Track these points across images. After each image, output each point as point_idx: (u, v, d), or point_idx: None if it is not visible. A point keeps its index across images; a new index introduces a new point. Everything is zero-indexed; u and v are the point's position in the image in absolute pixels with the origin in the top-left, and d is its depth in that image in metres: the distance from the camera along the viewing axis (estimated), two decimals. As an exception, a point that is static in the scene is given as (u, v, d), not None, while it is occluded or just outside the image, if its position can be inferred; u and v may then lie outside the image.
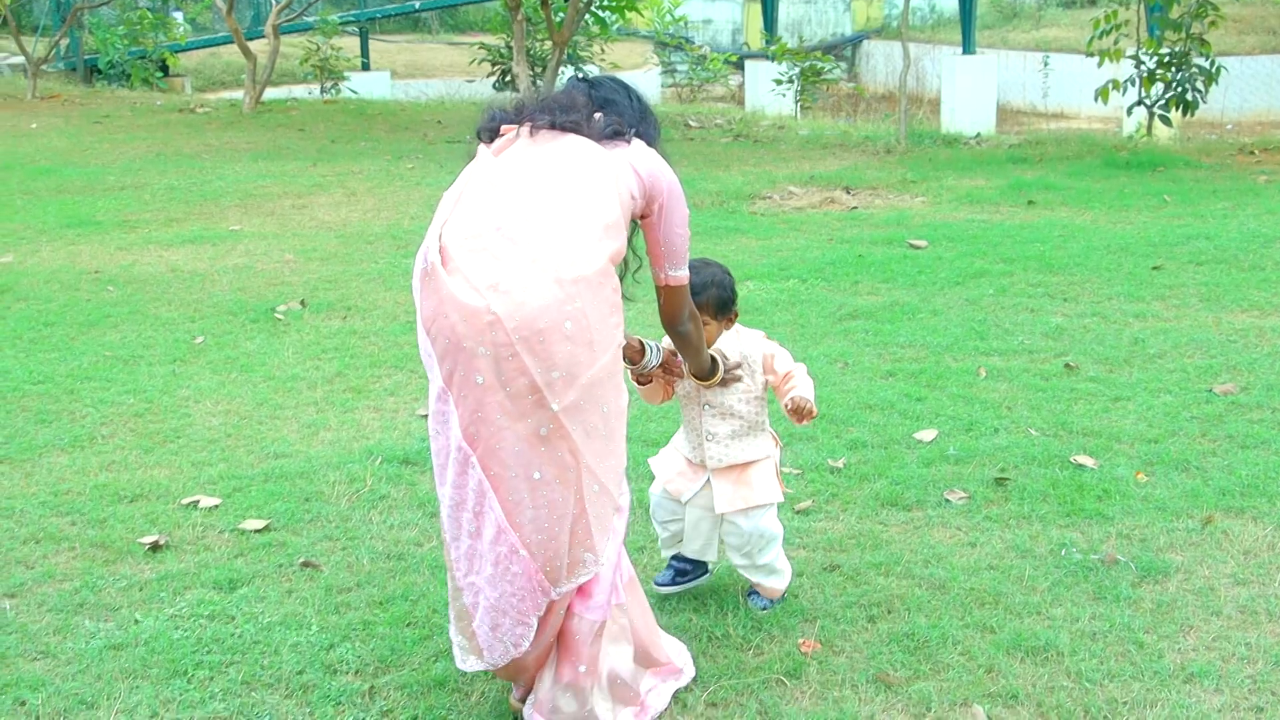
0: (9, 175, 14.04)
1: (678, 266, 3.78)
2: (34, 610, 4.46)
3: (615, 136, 3.70)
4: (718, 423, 4.22)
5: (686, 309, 3.89)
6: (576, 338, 3.33)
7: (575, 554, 3.48)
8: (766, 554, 4.26)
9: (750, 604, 4.34)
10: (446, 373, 3.39)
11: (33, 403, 6.64)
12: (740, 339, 4.28)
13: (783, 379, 4.28)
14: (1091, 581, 4.47)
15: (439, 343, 3.39)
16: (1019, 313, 7.95)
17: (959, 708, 3.74)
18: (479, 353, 3.30)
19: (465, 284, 3.32)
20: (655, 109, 5.36)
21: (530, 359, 3.29)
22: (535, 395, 3.32)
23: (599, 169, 3.55)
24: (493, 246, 3.36)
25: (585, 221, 3.43)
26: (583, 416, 3.38)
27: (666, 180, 3.70)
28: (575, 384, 3.34)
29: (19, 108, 20.31)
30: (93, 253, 10.27)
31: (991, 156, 14.47)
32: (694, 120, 18.51)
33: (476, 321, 3.29)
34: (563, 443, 3.37)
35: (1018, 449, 5.69)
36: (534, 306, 3.28)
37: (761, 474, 4.26)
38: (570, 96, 3.76)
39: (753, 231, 10.74)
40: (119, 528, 5.13)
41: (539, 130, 3.66)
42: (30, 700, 3.87)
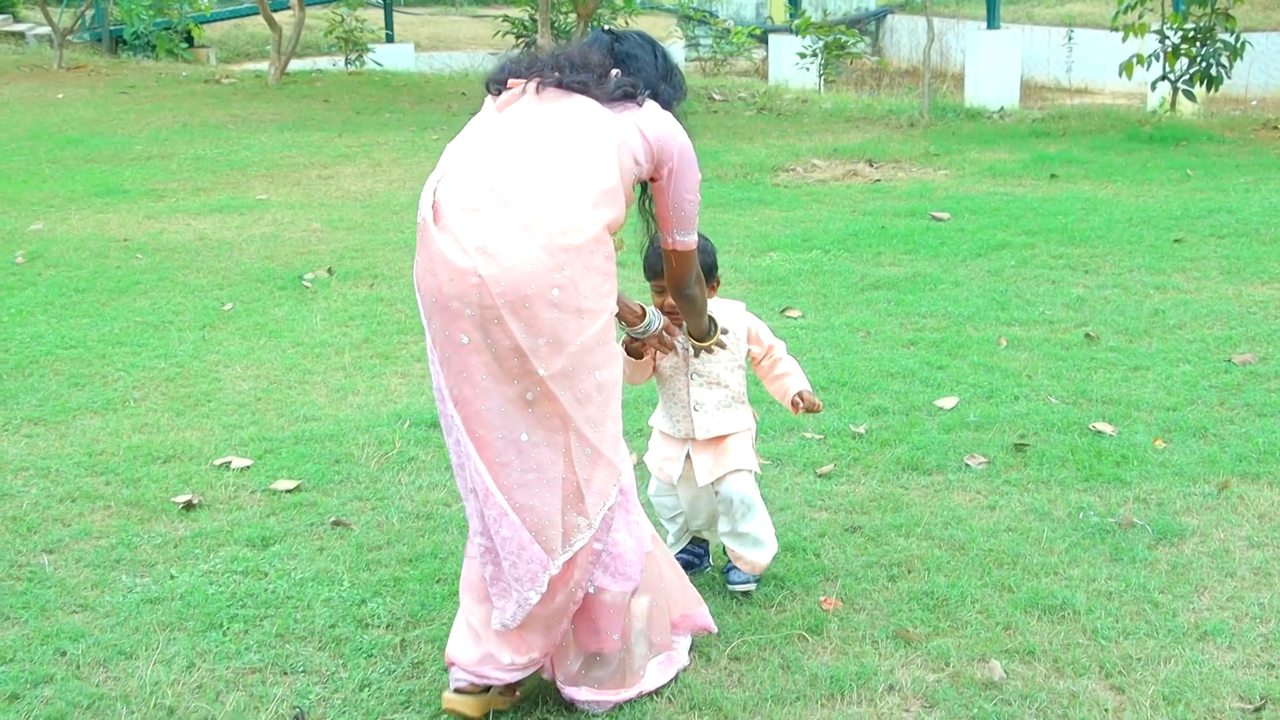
0: (37, 145, 14.15)
1: (686, 231, 3.76)
2: (72, 565, 4.57)
3: (626, 98, 3.62)
4: (705, 393, 4.20)
5: (693, 273, 3.87)
6: (564, 305, 3.30)
7: (569, 519, 3.44)
8: (749, 520, 4.20)
9: (728, 580, 4.28)
10: (433, 331, 3.40)
11: (65, 367, 6.75)
12: (723, 310, 4.26)
13: (766, 352, 4.29)
14: (1108, 543, 4.55)
15: (426, 300, 3.40)
16: (1040, 284, 8.00)
17: (977, 663, 3.83)
18: (465, 313, 3.29)
19: (454, 243, 3.31)
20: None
21: (515, 324, 3.27)
22: (521, 359, 3.30)
23: (601, 133, 3.49)
24: (485, 207, 3.34)
25: (581, 187, 3.39)
26: (572, 383, 3.35)
27: (678, 144, 3.64)
28: (563, 351, 3.32)
29: (46, 78, 20.41)
30: (121, 221, 10.37)
31: (1014, 130, 14.47)
32: (718, 93, 18.52)
33: (463, 282, 3.28)
34: (550, 405, 3.35)
35: (1037, 416, 5.76)
36: (521, 272, 3.26)
37: (738, 444, 4.22)
38: (584, 53, 3.68)
39: (776, 203, 10.78)
40: (153, 487, 5.23)
41: (545, 88, 3.59)
42: (70, 650, 3.98)
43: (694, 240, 3.79)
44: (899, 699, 3.68)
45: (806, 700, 3.67)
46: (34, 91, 18.81)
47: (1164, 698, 3.64)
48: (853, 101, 17.59)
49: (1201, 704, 3.61)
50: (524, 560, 3.41)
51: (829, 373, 6.38)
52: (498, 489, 3.39)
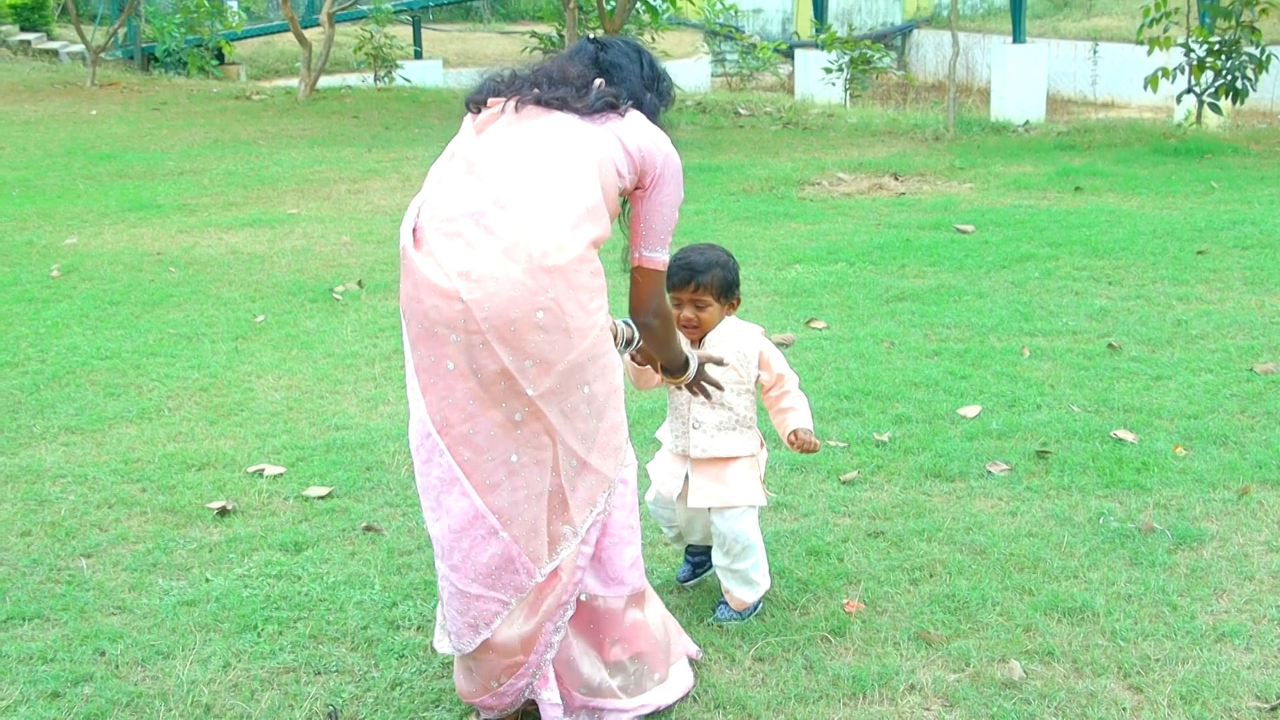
0: (71, 160, 14.33)
1: (654, 248, 3.57)
2: (109, 569, 4.67)
3: (608, 108, 3.51)
4: (706, 412, 4.11)
5: (655, 299, 3.66)
6: (550, 327, 3.25)
7: (554, 529, 3.42)
8: (745, 560, 4.14)
9: (716, 616, 4.21)
10: (418, 357, 3.36)
11: (101, 377, 6.86)
12: (738, 332, 4.18)
13: (775, 381, 4.19)
14: (1128, 548, 4.61)
15: (412, 326, 3.36)
16: (1064, 295, 8.05)
17: (997, 663, 3.89)
18: (450, 339, 3.26)
19: (437, 269, 3.27)
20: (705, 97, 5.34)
21: (502, 349, 3.24)
22: (508, 382, 3.26)
23: (581, 150, 3.40)
24: (466, 232, 3.28)
25: (562, 207, 3.31)
26: (559, 399, 3.31)
27: (662, 154, 3.53)
28: (551, 371, 3.28)
29: (79, 95, 20.64)
30: (154, 235, 10.51)
31: (1040, 144, 14.52)
32: (744, 108, 18.61)
33: (447, 308, 3.24)
34: (537, 423, 3.31)
35: (1059, 424, 5.82)
36: (505, 297, 3.21)
37: (741, 473, 4.14)
38: (563, 68, 3.58)
39: (802, 216, 10.86)
40: (188, 494, 5.33)
41: (524, 105, 3.50)
42: (109, 650, 4.07)
43: (663, 260, 3.59)
44: (920, 698, 3.75)
45: (829, 700, 3.74)
46: (68, 109, 19.03)
47: (1181, 697, 3.70)
48: (878, 116, 17.67)
49: (1218, 703, 3.67)
50: (509, 571, 3.40)
51: (853, 382, 6.45)
52: (488, 510, 3.36)
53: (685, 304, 4.04)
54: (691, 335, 4.11)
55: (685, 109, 18.70)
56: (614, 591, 3.56)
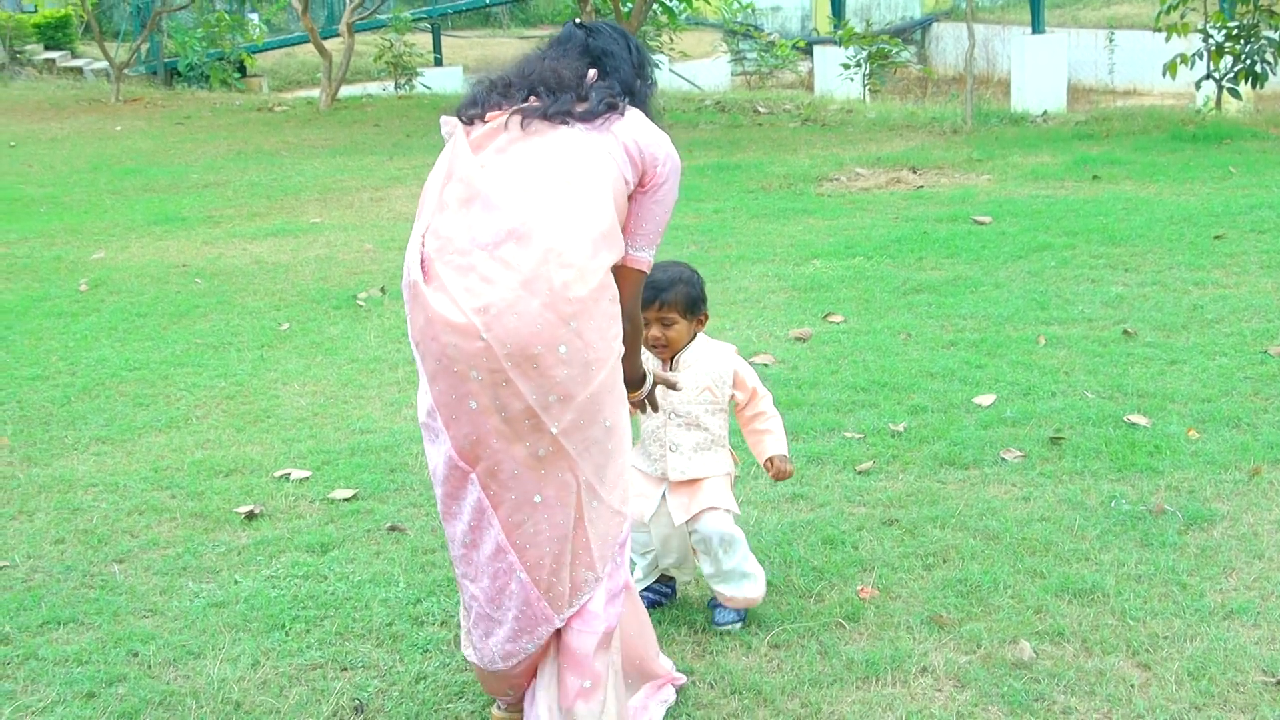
0: (97, 176, 14.50)
1: (642, 248, 3.48)
2: (141, 574, 4.78)
3: (610, 110, 3.43)
4: (683, 434, 4.11)
5: (633, 302, 3.53)
6: (573, 360, 3.17)
7: (577, 575, 3.35)
8: (733, 556, 4.12)
9: (715, 621, 4.20)
10: (437, 392, 3.25)
11: (130, 388, 6.98)
12: (712, 351, 4.16)
13: (750, 399, 4.18)
14: (1139, 530, 4.67)
15: (428, 361, 3.24)
16: (1080, 283, 8.10)
17: (1008, 645, 3.97)
18: (471, 376, 3.16)
19: (453, 305, 3.15)
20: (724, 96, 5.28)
21: (525, 384, 3.15)
22: (532, 419, 3.18)
23: (594, 171, 3.31)
24: (481, 266, 3.17)
25: (581, 234, 3.21)
26: (583, 433, 3.24)
27: (663, 153, 3.45)
28: (572, 404, 3.20)
29: (104, 111, 20.84)
30: (180, 247, 10.65)
31: (1058, 134, 14.55)
32: (762, 106, 18.67)
33: (467, 346, 3.13)
34: (562, 461, 3.23)
35: (1073, 410, 5.88)
36: (527, 333, 3.12)
37: (714, 486, 4.13)
38: (557, 70, 3.46)
39: (820, 212, 10.93)
40: (216, 499, 5.44)
41: (529, 121, 3.36)
42: (142, 651, 4.18)
43: (647, 260, 3.50)
44: (931, 680, 3.82)
45: (843, 683, 3.82)
46: (93, 125, 19.22)
47: (1188, 673, 3.77)
48: (896, 110, 17.71)
49: (1225, 678, 3.74)
50: (527, 615, 3.34)
51: (870, 374, 6.52)
52: (510, 546, 3.30)
53: (652, 323, 4.00)
54: (662, 354, 4.08)
55: (704, 108, 18.78)
56: (590, 627, 3.40)
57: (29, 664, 4.14)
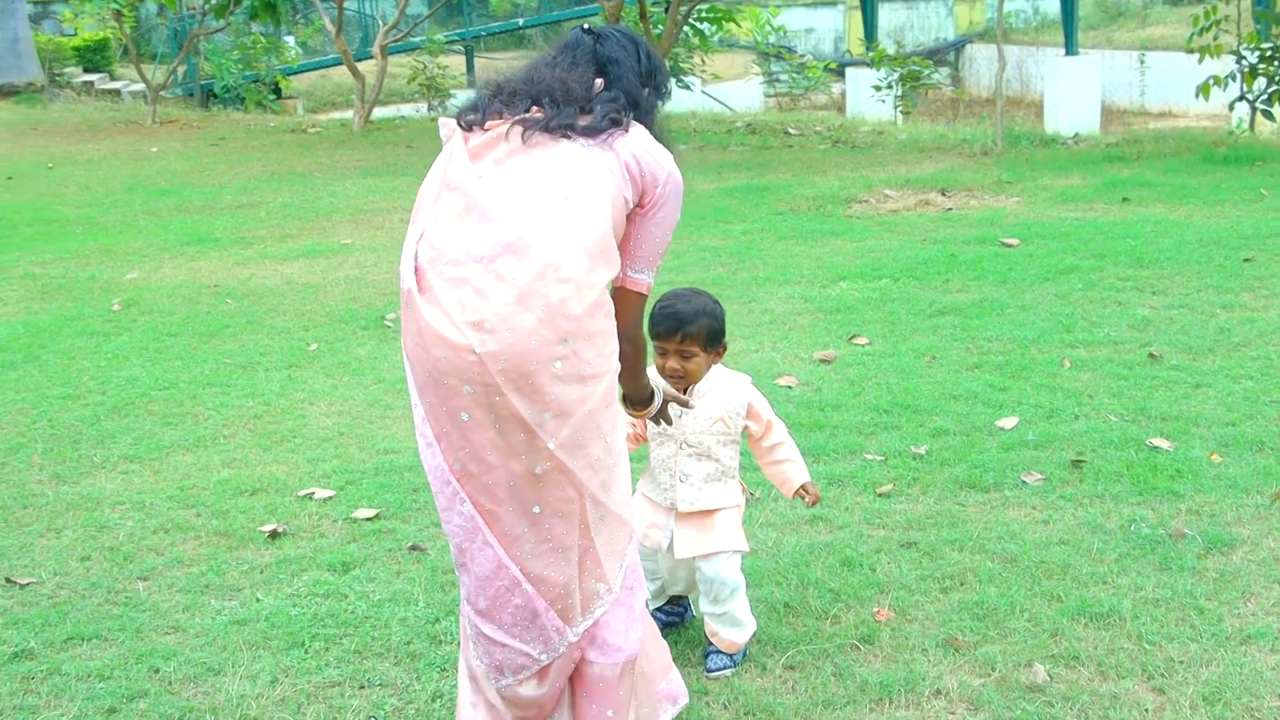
0: (132, 197, 14.64)
1: (641, 269, 3.41)
2: (164, 591, 4.82)
3: (613, 126, 3.34)
4: (693, 464, 4.04)
5: (633, 324, 3.46)
6: (568, 376, 3.12)
7: (587, 586, 3.30)
8: (730, 602, 4.07)
9: (708, 667, 4.10)
10: (427, 405, 3.20)
11: (159, 407, 7.05)
12: (727, 382, 4.10)
13: (765, 430, 4.12)
14: (1158, 554, 4.67)
15: (418, 372, 3.19)
16: (1107, 306, 8.09)
17: (1022, 668, 3.96)
18: (463, 390, 3.10)
19: (445, 318, 3.09)
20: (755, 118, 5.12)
21: (519, 400, 3.08)
22: (527, 435, 3.11)
23: (593, 187, 3.24)
24: (475, 279, 3.10)
25: (578, 250, 3.14)
26: (584, 450, 3.18)
27: (665, 172, 3.37)
28: (570, 420, 3.14)
29: (140, 132, 21.03)
30: (212, 268, 10.74)
31: (1088, 156, 14.53)
32: (793, 128, 18.71)
33: (459, 359, 3.07)
34: (563, 477, 3.17)
35: (1096, 433, 5.87)
36: (522, 349, 3.06)
37: (726, 521, 4.07)
38: (565, 83, 3.37)
39: (847, 234, 10.94)
40: (240, 518, 5.49)
41: (530, 133, 3.29)
42: (163, 668, 4.22)
43: (647, 283, 3.44)
44: (945, 702, 3.83)
45: (856, 705, 3.83)
46: (130, 146, 19.40)
47: (1204, 698, 3.76)
48: (927, 132, 17.72)
49: (1240, 703, 3.73)
50: (536, 626, 3.28)
51: (893, 397, 6.53)
52: (510, 560, 3.23)
53: (671, 354, 3.95)
54: (677, 386, 4.01)
55: (735, 130, 18.83)
56: (610, 658, 3.39)
57: (52, 679, 4.19)
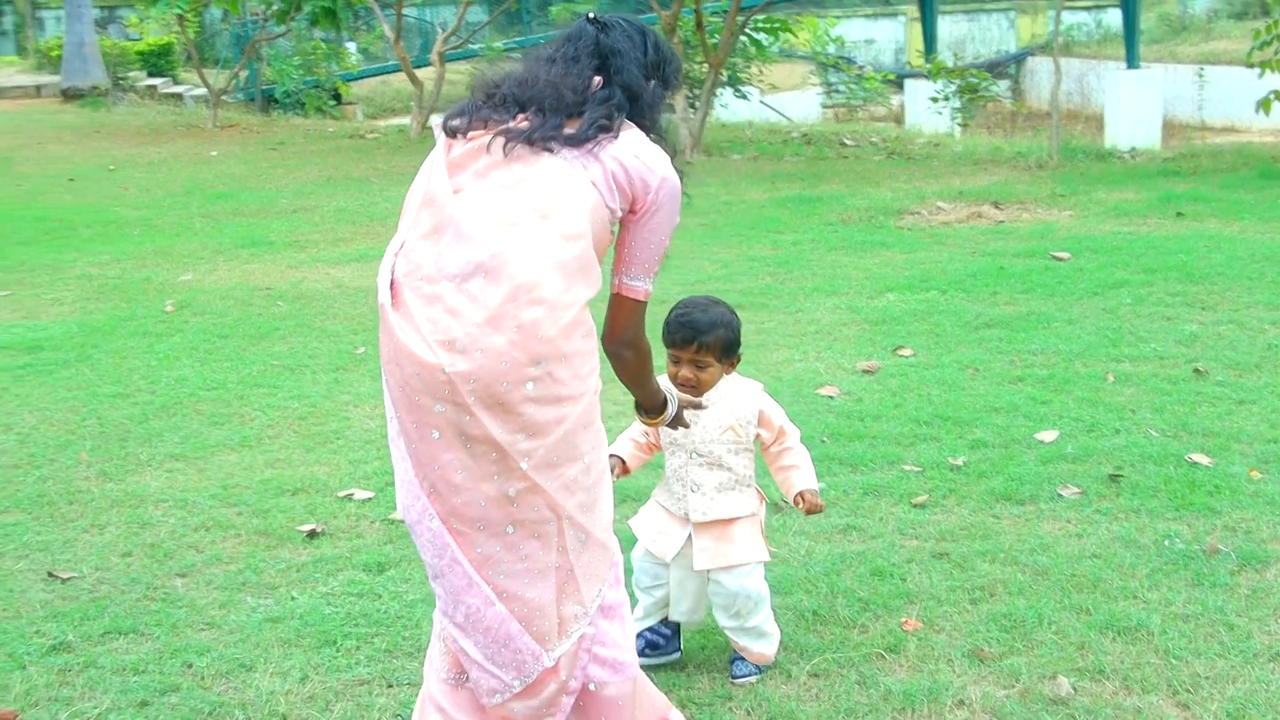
0: (190, 200, 14.81)
1: (637, 276, 3.32)
2: (202, 588, 4.89)
3: (601, 132, 3.23)
4: (704, 474, 3.99)
5: (630, 330, 3.38)
6: (541, 397, 3.03)
7: (565, 609, 3.19)
8: (756, 616, 4.04)
9: (733, 673, 4.09)
10: (400, 420, 3.14)
11: (206, 407, 7.14)
12: (738, 390, 4.05)
13: (776, 437, 4.06)
14: (1191, 569, 4.65)
15: (392, 388, 3.13)
16: (1154, 321, 8.05)
17: (1047, 680, 3.96)
18: (434, 409, 3.03)
19: (418, 336, 3.03)
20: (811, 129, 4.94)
21: (490, 420, 3.01)
22: (499, 454, 3.03)
23: (572, 203, 3.13)
24: (448, 297, 3.03)
25: (553, 270, 3.05)
26: (558, 471, 3.09)
27: (658, 178, 3.25)
28: (544, 442, 3.05)
29: (201, 136, 21.27)
30: (265, 271, 10.86)
31: (1144, 170, 14.44)
32: (849, 139, 18.70)
33: (430, 378, 3.01)
34: (538, 497, 3.09)
35: (1135, 448, 5.85)
36: (492, 370, 2.98)
37: (745, 531, 4.02)
38: (557, 86, 3.26)
39: (898, 245, 10.93)
40: (280, 517, 5.55)
41: (511, 144, 3.18)
42: (196, 663, 4.29)
43: (644, 289, 3.34)
44: (967, 713, 3.83)
45: (878, 714, 3.84)
46: (190, 149, 19.62)
47: (1228, 714, 3.75)
48: (984, 145, 17.66)
49: (1264, 720, 3.72)
50: (510, 650, 3.17)
51: (934, 408, 6.52)
52: (481, 580, 3.14)
53: (685, 363, 3.92)
54: (689, 394, 3.96)
55: (790, 140, 18.84)
56: (623, 674, 3.33)
57: (88, 672, 4.26)
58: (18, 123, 23.09)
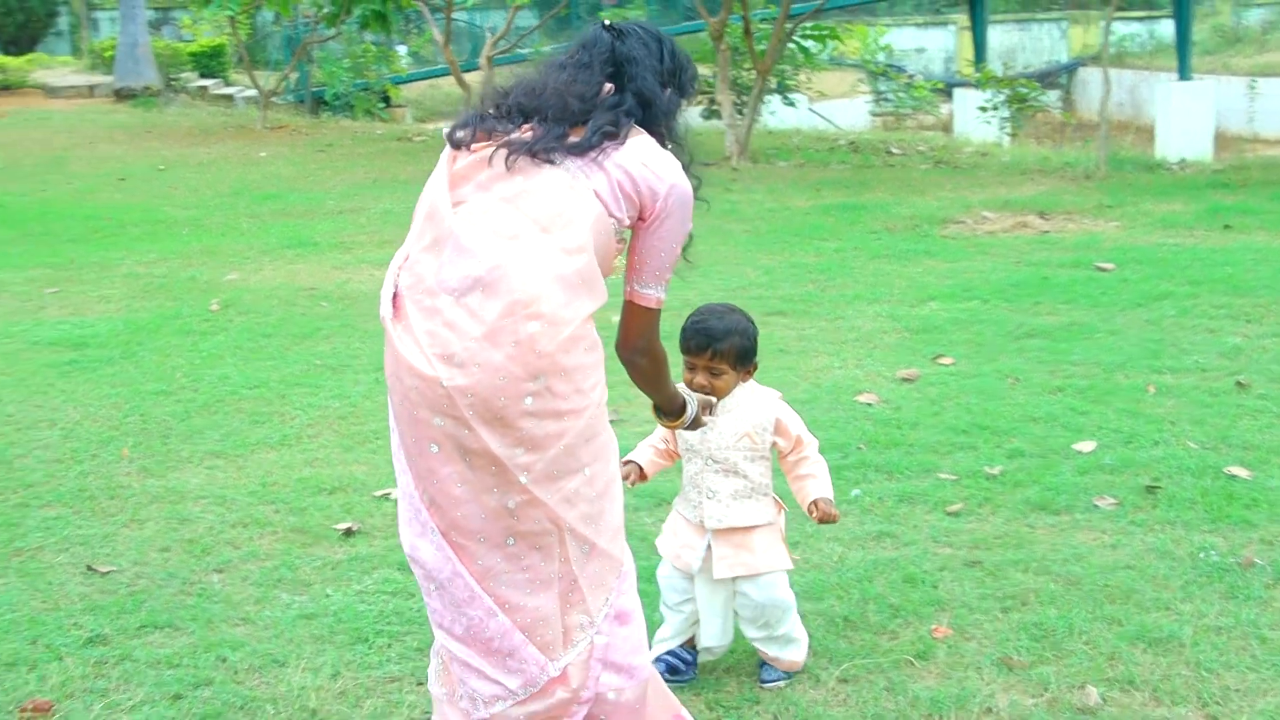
0: (238, 200, 14.93)
1: (648, 284, 3.31)
2: (238, 584, 4.94)
3: (606, 139, 3.21)
4: (720, 480, 3.97)
5: (644, 338, 3.37)
6: (541, 412, 3.02)
7: (569, 619, 3.19)
8: (783, 624, 4.03)
9: (761, 678, 4.09)
10: (401, 433, 3.15)
11: (248, 405, 7.20)
12: (754, 398, 4.03)
13: (793, 446, 4.03)
14: (1225, 582, 4.62)
15: (394, 398, 3.14)
16: (1198, 333, 8.00)
17: (1075, 690, 3.95)
18: (433, 422, 3.04)
19: (417, 348, 3.03)
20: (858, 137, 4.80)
21: (489, 434, 3.01)
22: (498, 468, 3.03)
23: (574, 215, 3.12)
24: (446, 310, 3.03)
25: (553, 284, 3.03)
26: (559, 484, 3.08)
27: (666, 185, 3.22)
28: (543, 456, 3.05)
29: (250, 137, 21.41)
30: (310, 271, 10.94)
31: (1193, 182, 14.34)
32: (896, 147, 18.65)
33: (429, 391, 3.01)
34: (537, 510, 3.08)
35: (1174, 460, 5.82)
36: (490, 385, 2.98)
37: (765, 540, 4.00)
38: (564, 96, 3.24)
39: (941, 254, 10.90)
40: (317, 515, 5.60)
41: (514, 157, 3.18)
42: (230, 657, 4.33)
43: (656, 297, 3.33)
44: (995, 721, 3.83)
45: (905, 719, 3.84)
46: (239, 150, 19.76)
47: (1257, 727, 3.73)
48: (1031, 155, 17.58)
49: (1295, 734, 3.70)
50: (516, 659, 3.17)
51: (972, 417, 6.51)
52: (484, 592, 3.14)
53: (700, 370, 3.91)
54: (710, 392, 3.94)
55: (837, 148, 18.81)
56: (636, 678, 3.31)
57: (123, 664, 4.31)
58: (71, 122, 23.31)
